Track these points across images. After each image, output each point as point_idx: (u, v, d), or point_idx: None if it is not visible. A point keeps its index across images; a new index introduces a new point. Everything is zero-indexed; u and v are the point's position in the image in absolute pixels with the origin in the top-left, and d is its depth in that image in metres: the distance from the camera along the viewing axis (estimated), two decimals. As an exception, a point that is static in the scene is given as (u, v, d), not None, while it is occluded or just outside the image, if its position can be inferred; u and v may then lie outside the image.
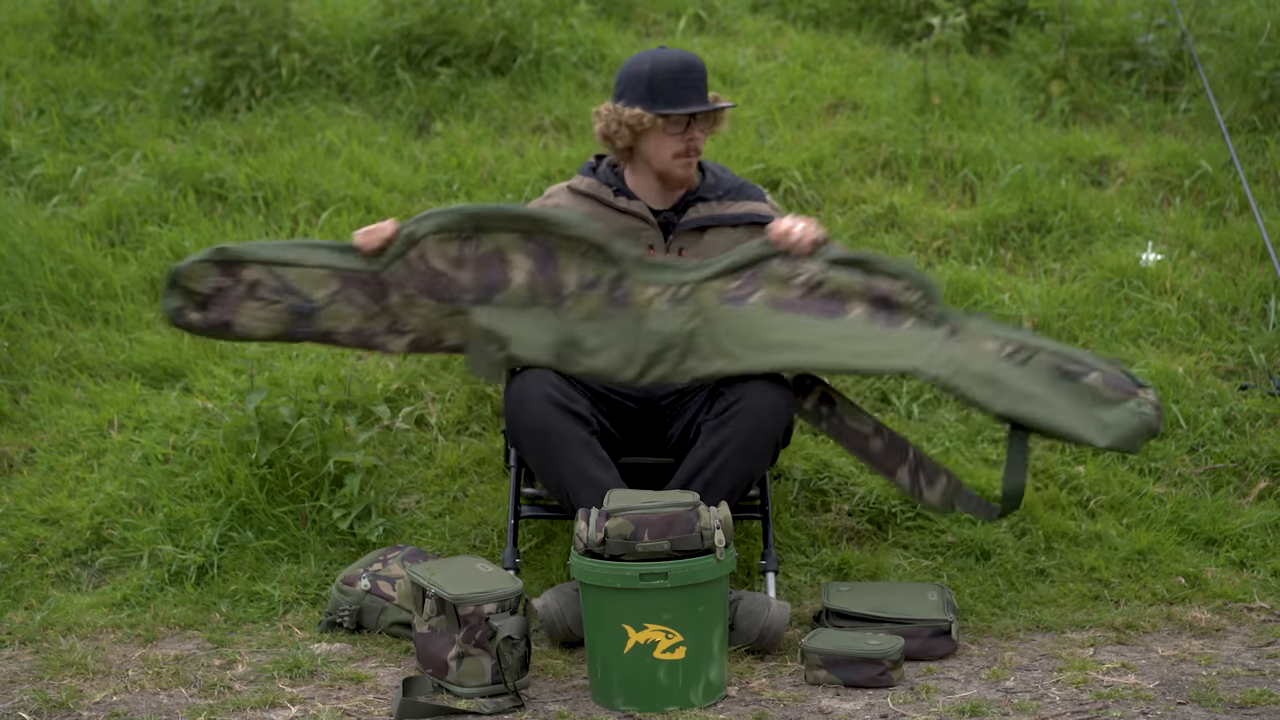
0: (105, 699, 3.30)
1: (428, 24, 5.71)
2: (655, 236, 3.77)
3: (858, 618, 3.52)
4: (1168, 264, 4.75)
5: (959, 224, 4.99)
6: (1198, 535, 4.00)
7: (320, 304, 3.59)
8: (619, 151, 3.79)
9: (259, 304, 3.58)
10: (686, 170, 3.75)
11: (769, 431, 3.53)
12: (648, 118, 3.69)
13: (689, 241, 3.77)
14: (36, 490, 4.20)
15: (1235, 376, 4.44)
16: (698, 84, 3.72)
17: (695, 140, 3.73)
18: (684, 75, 3.70)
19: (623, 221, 3.77)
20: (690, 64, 3.72)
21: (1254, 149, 5.23)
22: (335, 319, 3.60)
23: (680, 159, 3.73)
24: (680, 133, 3.72)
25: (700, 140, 3.74)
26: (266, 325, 3.60)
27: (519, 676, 3.26)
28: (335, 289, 3.59)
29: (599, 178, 3.83)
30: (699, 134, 3.73)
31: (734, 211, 3.80)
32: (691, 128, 3.72)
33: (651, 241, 3.76)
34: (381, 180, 5.21)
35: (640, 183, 3.81)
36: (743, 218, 3.80)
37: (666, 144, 3.72)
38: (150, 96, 5.71)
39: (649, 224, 3.77)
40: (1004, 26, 5.93)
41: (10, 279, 4.75)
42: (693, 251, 3.76)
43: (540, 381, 3.53)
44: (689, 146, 3.72)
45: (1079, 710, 3.14)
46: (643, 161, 3.77)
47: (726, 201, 3.81)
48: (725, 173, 3.89)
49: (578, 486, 3.47)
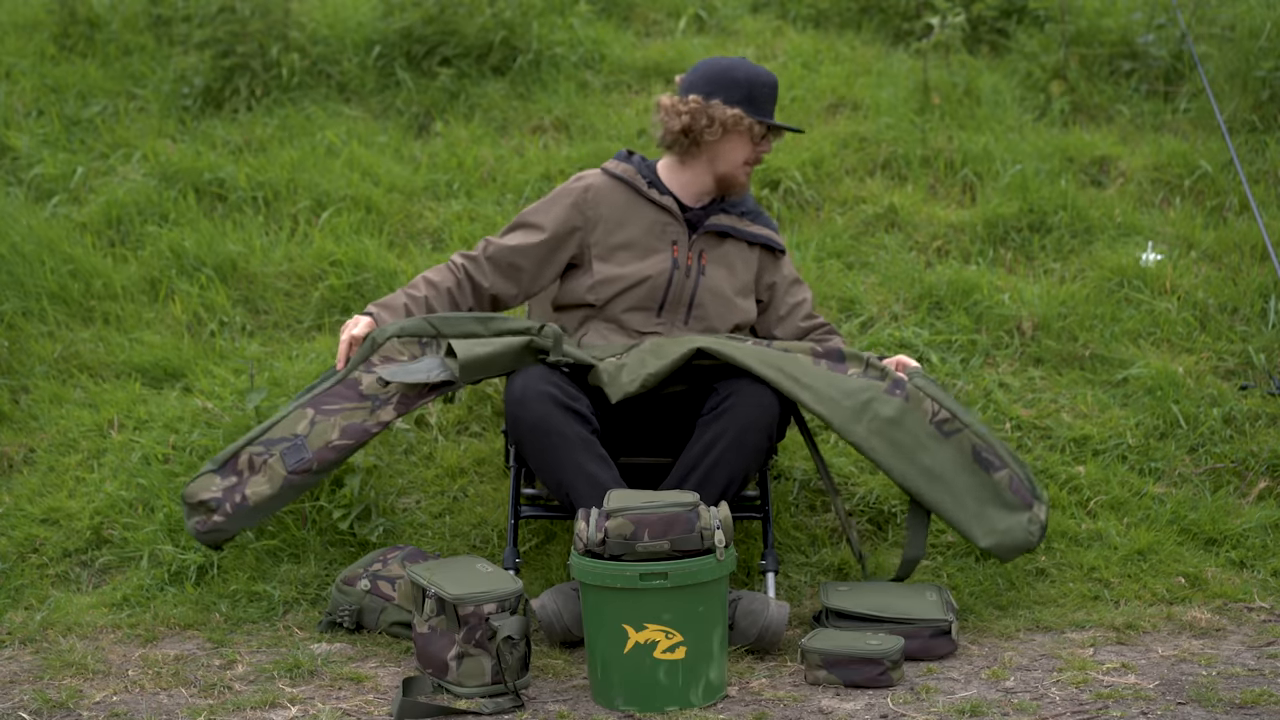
0: (105, 699, 3.30)
1: (428, 24, 5.71)
2: (680, 233, 3.84)
3: (858, 618, 3.52)
4: (1168, 264, 4.75)
5: (959, 224, 4.99)
6: (1198, 535, 4.00)
7: (304, 434, 3.64)
8: (685, 146, 3.85)
9: (258, 474, 3.64)
10: (748, 178, 3.89)
11: (761, 426, 3.54)
12: (747, 121, 3.79)
13: (710, 244, 3.85)
14: (36, 490, 4.20)
15: (1235, 376, 4.44)
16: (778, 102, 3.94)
17: (766, 151, 3.88)
18: (774, 91, 3.86)
19: (650, 213, 3.84)
20: (776, 83, 3.88)
21: (1254, 149, 5.23)
22: (323, 434, 3.63)
23: (747, 166, 3.86)
24: (758, 142, 3.85)
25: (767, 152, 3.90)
26: (269, 484, 3.63)
27: (519, 676, 3.26)
28: (311, 414, 3.64)
29: (634, 165, 3.90)
30: (769, 147, 3.89)
31: (753, 230, 3.91)
32: (767, 140, 3.86)
33: (675, 238, 3.82)
34: (381, 180, 5.21)
35: (678, 179, 3.89)
36: (759, 238, 3.91)
37: (743, 150, 3.83)
38: (150, 96, 5.72)
39: (675, 219, 3.84)
40: (1004, 26, 5.93)
41: (10, 279, 4.75)
42: (713, 256, 3.84)
43: (541, 380, 3.54)
44: (759, 156, 3.86)
45: (1079, 710, 3.14)
46: (707, 161, 3.85)
47: (747, 219, 3.91)
48: (748, 196, 4.00)
49: (577, 484, 3.48)
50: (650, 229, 3.83)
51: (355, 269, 4.81)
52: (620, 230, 3.82)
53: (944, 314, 4.65)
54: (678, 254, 3.81)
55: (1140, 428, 4.28)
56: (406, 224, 5.09)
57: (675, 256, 3.81)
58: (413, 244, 4.99)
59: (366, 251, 4.85)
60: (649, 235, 3.82)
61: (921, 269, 4.81)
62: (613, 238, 3.82)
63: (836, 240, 4.95)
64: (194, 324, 4.73)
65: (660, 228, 3.82)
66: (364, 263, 4.82)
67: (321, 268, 4.84)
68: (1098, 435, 4.26)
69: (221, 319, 4.74)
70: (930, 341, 4.55)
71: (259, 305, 4.80)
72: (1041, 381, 4.46)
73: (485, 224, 5.01)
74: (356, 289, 4.78)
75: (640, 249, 3.81)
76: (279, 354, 4.57)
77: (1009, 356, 4.53)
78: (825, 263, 4.84)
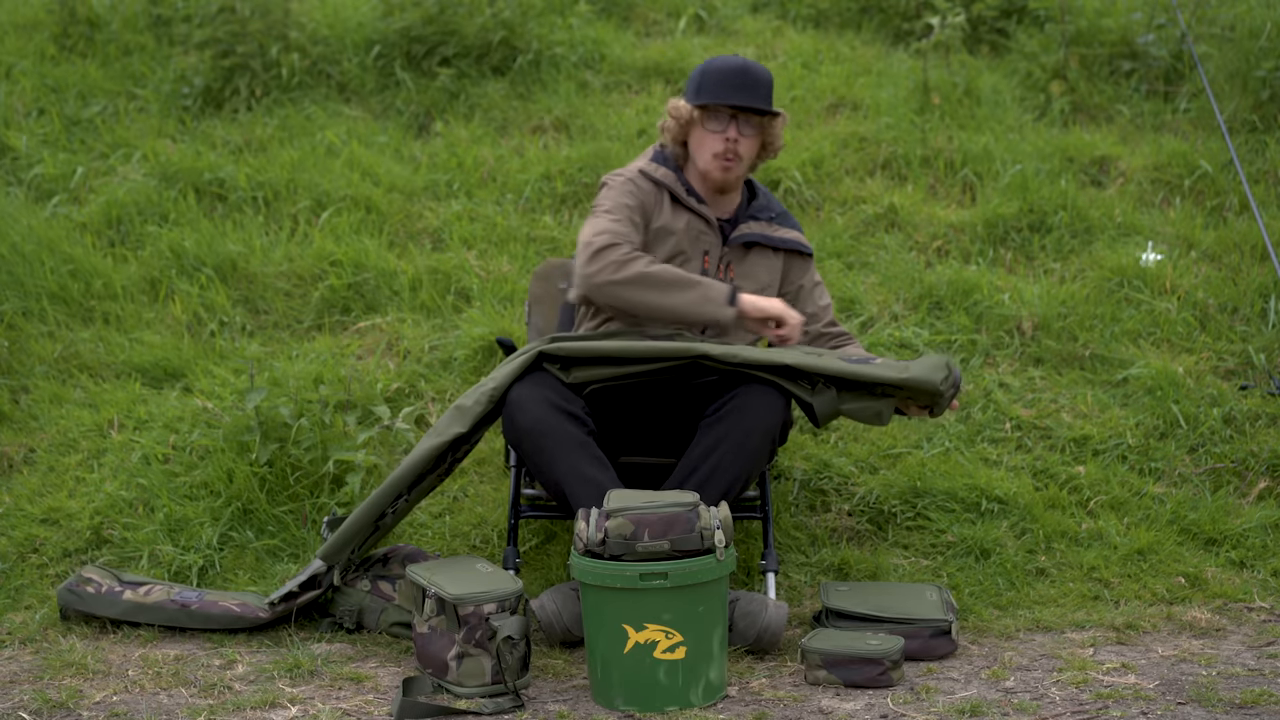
0: (105, 699, 3.30)
1: (428, 24, 5.72)
2: (714, 243, 3.81)
3: (858, 618, 3.52)
4: (1168, 264, 4.75)
5: (959, 224, 4.99)
6: (1198, 535, 4.00)
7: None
8: (677, 149, 3.85)
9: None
10: (724, 173, 3.78)
11: (764, 429, 3.53)
12: (686, 108, 3.76)
13: (736, 256, 3.83)
14: (36, 490, 4.20)
15: (1235, 376, 4.44)
16: (749, 87, 3.74)
17: (736, 143, 3.75)
18: (734, 76, 3.74)
19: (686, 218, 3.79)
20: (747, 69, 3.76)
21: (1254, 149, 5.23)
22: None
23: (719, 160, 3.76)
24: (721, 131, 3.74)
25: (742, 145, 3.76)
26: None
27: (519, 676, 3.26)
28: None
29: (671, 170, 3.84)
30: (741, 137, 3.75)
31: (780, 236, 3.87)
32: (732, 127, 3.74)
33: (708, 247, 3.79)
34: (381, 180, 5.21)
35: (697, 187, 3.85)
36: (788, 243, 3.87)
37: (708, 142, 3.76)
38: (150, 96, 5.72)
39: (711, 228, 3.81)
40: (1004, 26, 5.93)
41: (10, 279, 4.76)
42: (739, 269, 3.82)
43: (537, 384, 3.53)
44: (728, 148, 3.75)
45: (1079, 710, 3.14)
46: (692, 162, 3.83)
47: (775, 225, 3.88)
48: (773, 198, 3.95)
49: (574, 486, 3.48)
50: (687, 232, 3.80)
51: (355, 269, 4.81)
52: (662, 219, 3.79)
53: (944, 314, 4.65)
54: (708, 264, 3.79)
55: (1140, 428, 4.28)
56: (406, 224, 5.09)
57: (706, 267, 3.80)
58: (413, 244, 4.99)
59: (366, 251, 4.85)
60: (685, 239, 3.79)
61: (921, 269, 4.81)
62: (657, 223, 3.79)
63: (836, 240, 4.95)
64: (194, 324, 4.73)
65: (695, 235, 3.80)
66: (364, 263, 4.82)
67: (321, 268, 4.84)
68: (1098, 435, 4.26)
69: (221, 319, 4.74)
70: (930, 341, 4.55)
71: (259, 305, 4.80)
72: (1041, 381, 4.46)
73: (485, 224, 5.01)
74: (356, 289, 4.78)
75: (676, 249, 3.78)
76: (279, 354, 4.57)
77: (1009, 356, 4.53)
78: (825, 263, 4.84)
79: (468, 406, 3.55)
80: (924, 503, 4.08)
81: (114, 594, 3.69)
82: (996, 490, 4.06)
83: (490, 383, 3.57)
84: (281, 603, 3.65)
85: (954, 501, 4.06)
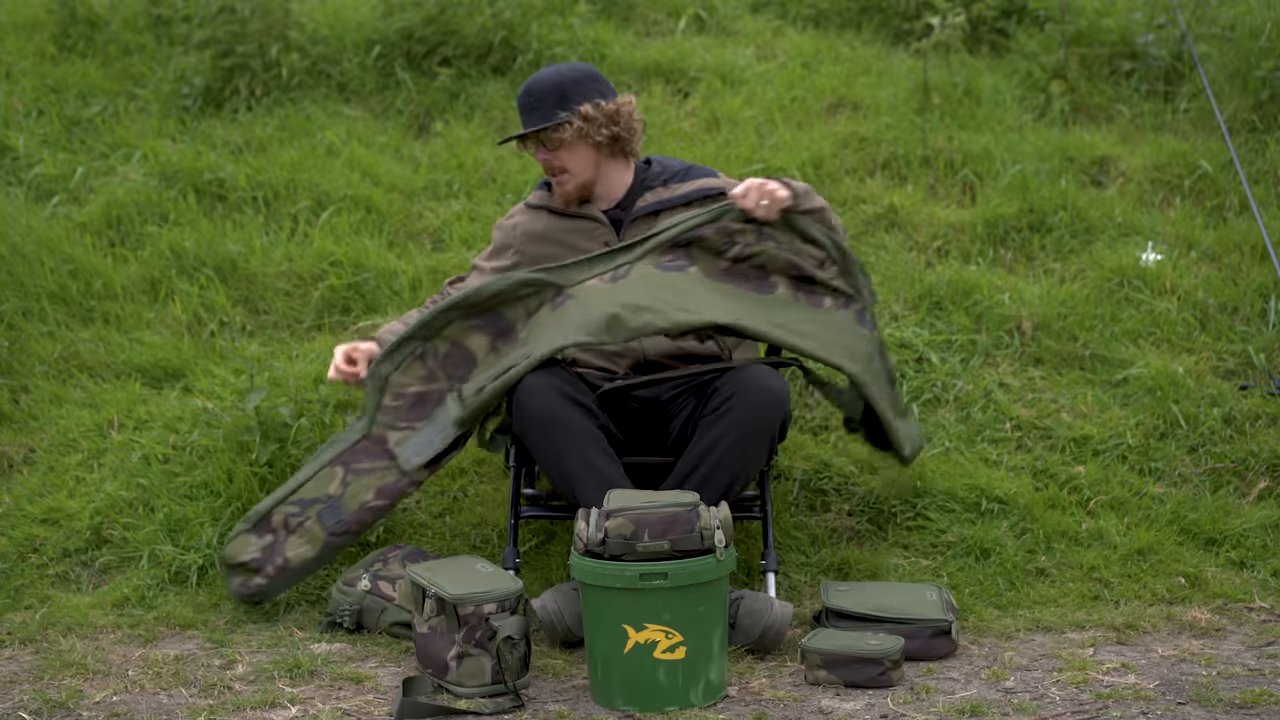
0: (105, 699, 3.30)
1: (428, 24, 5.72)
2: (609, 233, 3.84)
3: (858, 618, 3.52)
4: (1168, 264, 4.75)
5: (959, 224, 4.99)
6: (1198, 535, 4.00)
7: (338, 494, 3.67)
8: None
9: (295, 535, 3.68)
10: (561, 188, 3.84)
11: (764, 426, 3.54)
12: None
13: (643, 230, 3.83)
14: (36, 490, 4.20)
15: (1235, 376, 4.44)
16: (528, 110, 3.82)
17: (550, 160, 3.81)
18: (519, 101, 3.86)
19: (570, 224, 3.85)
20: (526, 89, 3.84)
21: (1254, 149, 5.23)
22: (357, 495, 3.67)
23: (552, 176, 3.85)
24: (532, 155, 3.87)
25: (558, 159, 3.81)
26: (309, 545, 3.67)
27: (519, 676, 3.26)
28: (342, 474, 3.68)
29: (550, 190, 3.92)
30: (552, 154, 3.80)
31: (683, 191, 3.85)
32: (538, 150, 3.83)
33: (606, 238, 3.83)
34: (381, 180, 5.21)
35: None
36: (693, 194, 3.85)
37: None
38: (150, 96, 5.72)
39: (600, 223, 3.84)
40: (1004, 26, 5.93)
41: (10, 279, 4.76)
42: None
43: (550, 374, 3.55)
44: (548, 167, 3.83)
45: (1079, 710, 3.14)
46: None
47: (673, 185, 3.87)
48: (671, 160, 3.96)
49: (582, 476, 3.48)
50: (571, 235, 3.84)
51: (355, 269, 4.81)
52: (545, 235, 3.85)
53: (944, 314, 4.65)
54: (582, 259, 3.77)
55: (1140, 428, 4.28)
56: (406, 224, 5.09)
57: None
58: (413, 244, 4.99)
59: (366, 251, 4.85)
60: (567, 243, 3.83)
61: (921, 269, 4.81)
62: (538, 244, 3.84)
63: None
64: (194, 324, 4.73)
65: (587, 233, 3.83)
66: (364, 263, 4.82)
67: (321, 268, 4.84)
68: (1098, 435, 4.26)
69: (221, 319, 4.75)
70: (930, 341, 4.55)
71: (259, 305, 4.80)
72: (1041, 381, 4.46)
73: (485, 224, 5.01)
74: (356, 289, 4.78)
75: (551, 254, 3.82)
76: (279, 354, 4.57)
77: (1009, 356, 4.53)
78: (825, 263, 4.84)
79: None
80: (924, 503, 4.08)
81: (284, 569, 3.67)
82: (996, 490, 4.06)
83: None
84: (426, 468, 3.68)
85: (954, 501, 4.07)
